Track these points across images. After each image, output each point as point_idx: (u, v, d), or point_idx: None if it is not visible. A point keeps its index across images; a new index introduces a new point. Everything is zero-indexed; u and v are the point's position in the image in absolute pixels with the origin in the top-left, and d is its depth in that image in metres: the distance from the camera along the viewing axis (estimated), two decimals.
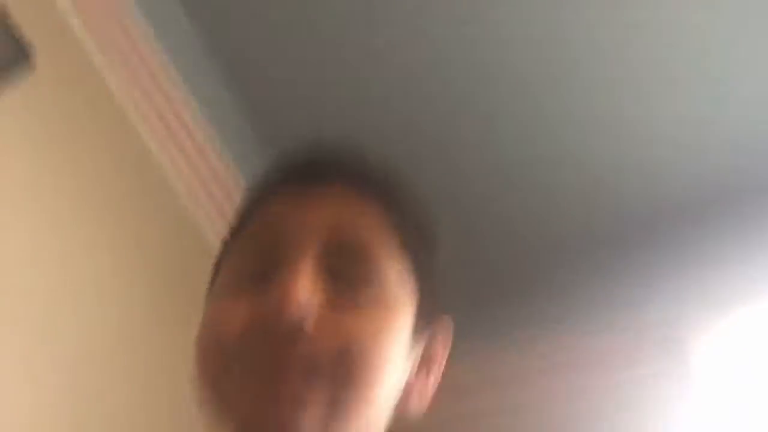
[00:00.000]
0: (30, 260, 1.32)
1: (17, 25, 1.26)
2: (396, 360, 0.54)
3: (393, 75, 1.79)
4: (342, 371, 0.49)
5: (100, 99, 1.53)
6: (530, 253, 2.09)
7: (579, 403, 2.00)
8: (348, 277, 0.53)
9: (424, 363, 0.60)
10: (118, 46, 1.54)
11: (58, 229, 1.40)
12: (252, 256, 0.55)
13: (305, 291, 0.49)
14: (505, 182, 1.96)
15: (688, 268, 1.98)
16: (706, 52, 1.73)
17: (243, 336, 0.50)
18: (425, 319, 0.58)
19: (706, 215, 2.00)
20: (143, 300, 1.57)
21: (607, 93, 1.80)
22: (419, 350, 0.59)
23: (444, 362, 0.62)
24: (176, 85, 1.66)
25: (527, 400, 2.06)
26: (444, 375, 0.61)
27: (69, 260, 1.41)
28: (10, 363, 1.24)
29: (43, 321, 1.32)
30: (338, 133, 0.74)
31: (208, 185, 1.76)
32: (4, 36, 1.23)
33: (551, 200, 2.01)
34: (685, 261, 2.00)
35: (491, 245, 2.06)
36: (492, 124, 1.86)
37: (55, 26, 1.44)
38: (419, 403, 0.59)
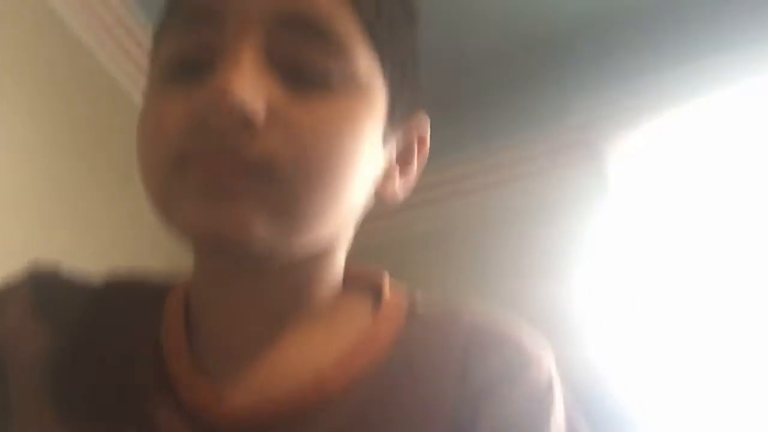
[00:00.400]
0: None
1: None
2: (363, 158, 0.49)
3: None
4: (296, 166, 0.45)
5: None
6: (458, 65, 2.05)
7: (505, 212, 2.10)
8: (304, 59, 0.46)
9: (400, 158, 0.56)
10: None
11: None
12: (184, 40, 0.47)
13: (250, 81, 0.44)
14: None
15: (606, 78, 2.02)
16: None
17: (182, 137, 0.45)
18: (400, 112, 0.53)
19: (623, 28, 2.01)
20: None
21: None
22: (393, 146, 0.54)
23: (422, 159, 0.57)
24: None
25: (462, 214, 2.15)
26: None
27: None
28: None
29: None
30: None
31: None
32: None
33: (478, 9, 1.97)
34: (603, 71, 2.03)
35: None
36: None
37: None
38: (395, 195, 0.56)
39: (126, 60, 1.75)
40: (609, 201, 1.96)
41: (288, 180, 0.45)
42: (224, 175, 0.44)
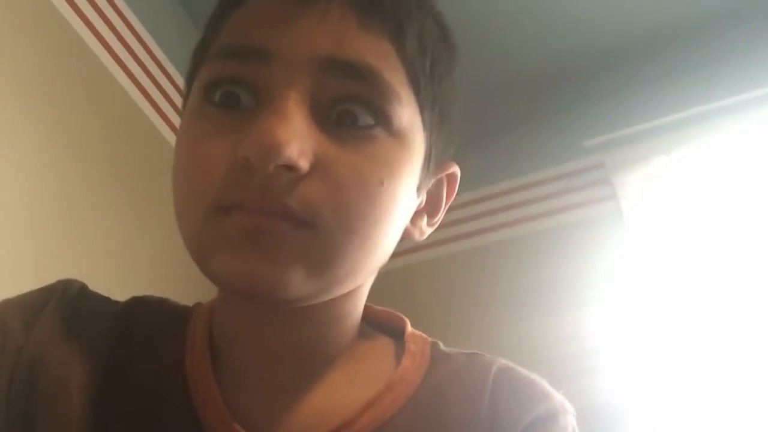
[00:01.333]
0: None
1: None
2: (401, 207, 0.48)
3: None
4: (335, 217, 0.44)
5: None
6: (474, 98, 2.09)
7: (515, 249, 2.11)
8: (350, 106, 0.45)
9: (430, 200, 0.55)
10: None
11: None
12: (228, 70, 0.46)
13: (299, 131, 0.43)
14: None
15: (623, 110, 2.06)
16: None
17: (224, 183, 0.44)
18: (435, 158, 0.52)
19: (639, 61, 2.07)
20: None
21: None
22: (424, 195, 0.54)
23: (450, 201, 0.57)
24: None
25: (477, 245, 2.16)
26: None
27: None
28: None
29: None
30: None
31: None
32: None
33: (495, 42, 2.02)
34: (620, 104, 2.08)
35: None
36: None
37: None
38: (422, 234, 0.56)
39: (146, 83, 1.77)
40: (623, 231, 1.97)
41: (328, 231, 0.44)
42: (265, 227, 0.43)
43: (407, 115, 0.47)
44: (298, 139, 0.43)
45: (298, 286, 0.44)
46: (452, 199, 0.57)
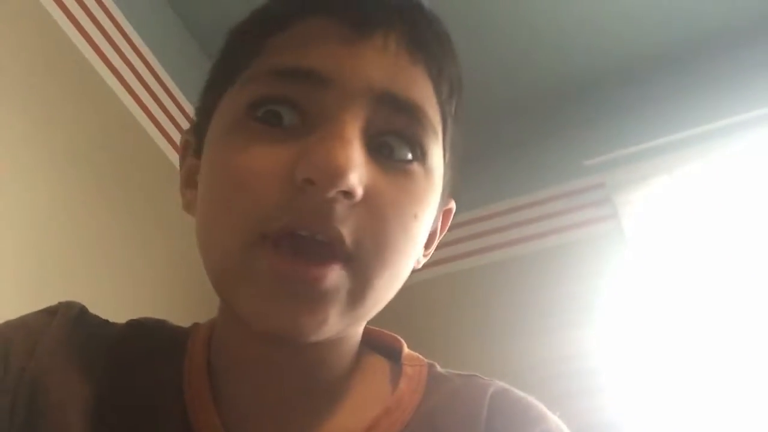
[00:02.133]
0: None
1: None
2: (422, 238, 0.50)
3: None
4: (375, 249, 0.45)
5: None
6: (476, 120, 2.10)
7: (517, 268, 2.10)
8: (395, 139, 0.47)
9: (429, 237, 0.56)
10: None
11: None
12: (278, 89, 0.46)
13: (359, 159, 0.43)
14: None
15: (624, 130, 2.07)
16: None
17: (277, 206, 0.43)
18: (445, 192, 0.54)
19: (639, 81, 2.08)
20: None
21: None
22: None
23: (445, 230, 0.59)
24: None
25: (478, 265, 2.15)
26: None
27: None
28: None
29: None
30: None
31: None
32: None
33: (497, 63, 2.03)
34: (621, 124, 2.10)
35: None
36: None
37: None
38: (419, 263, 0.56)
39: (149, 103, 1.78)
40: (625, 250, 1.97)
41: (366, 263, 0.44)
42: (315, 275, 0.43)
43: (438, 152, 0.49)
44: (359, 166, 0.43)
45: (331, 326, 0.45)
46: (447, 225, 0.59)
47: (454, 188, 0.56)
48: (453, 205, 0.58)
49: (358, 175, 0.43)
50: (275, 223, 0.43)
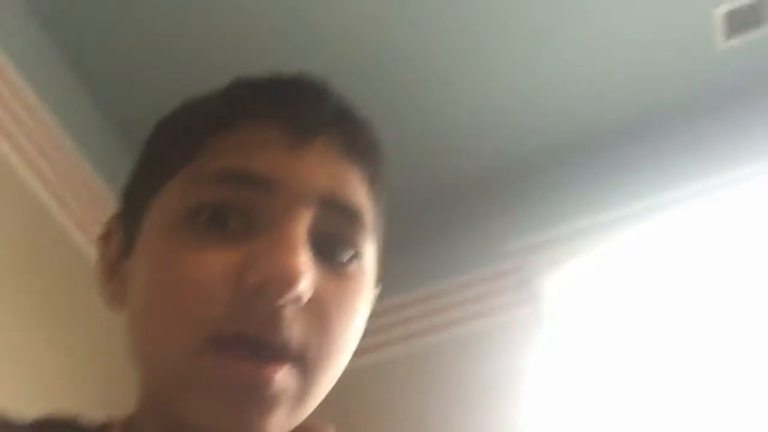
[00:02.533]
0: None
1: None
2: (360, 331, 0.51)
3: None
4: (320, 350, 0.45)
5: None
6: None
7: (439, 354, 2.11)
8: (338, 242, 0.48)
9: None
10: None
11: None
12: (225, 193, 0.46)
13: (308, 265, 0.44)
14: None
15: (541, 215, 2.15)
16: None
17: (227, 311, 0.43)
18: (374, 286, 0.55)
19: (556, 166, 2.18)
20: None
21: None
22: None
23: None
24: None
25: (399, 352, 2.16)
26: None
27: None
28: None
29: None
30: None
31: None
32: None
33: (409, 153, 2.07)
34: (537, 209, 2.17)
35: None
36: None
37: None
38: None
39: (64, 193, 1.74)
40: (544, 332, 2.00)
41: (313, 364, 0.45)
42: (262, 377, 0.42)
43: (372, 250, 0.51)
44: (309, 272, 0.44)
45: (278, 426, 0.44)
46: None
47: (379, 274, 0.57)
48: (377, 291, 0.59)
49: (308, 280, 0.43)
50: (225, 326, 0.43)
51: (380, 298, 0.60)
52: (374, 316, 0.59)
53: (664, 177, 2.04)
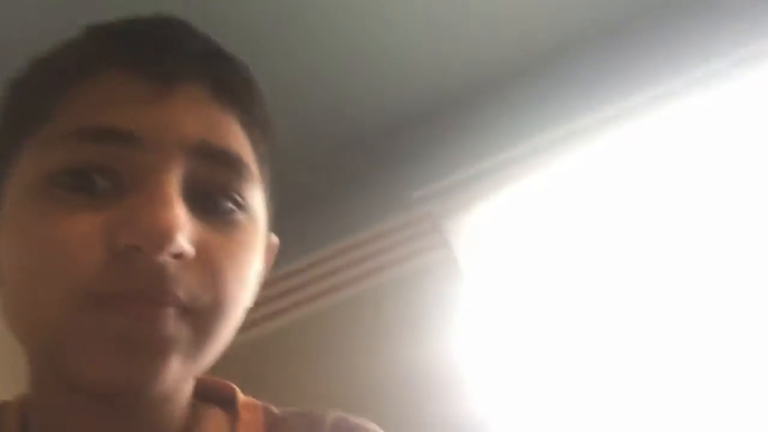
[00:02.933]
0: None
1: None
2: (254, 282, 0.50)
3: None
4: (213, 303, 0.44)
5: None
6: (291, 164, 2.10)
7: (359, 307, 2.12)
8: (218, 191, 0.46)
9: None
10: None
11: None
12: (87, 153, 0.43)
13: (183, 218, 0.42)
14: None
15: (447, 161, 2.15)
16: None
17: (99, 273, 0.41)
18: (266, 233, 0.54)
19: (456, 110, 2.18)
20: None
21: None
22: None
23: (269, 265, 0.58)
24: None
25: (308, 313, 2.15)
26: None
27: None
28: None
29: None
30: None
31: None
32: None
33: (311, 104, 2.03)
34: (442, 155, 2.18)
35: None
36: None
37: None
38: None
39: None
40: (459, 276, 2.03)
41: (205, 316, 0.44)
42: (149, 325, 0.41)
43: (259, 197, 0.49)
44: (186, 225, 0.42)
45: (174, 376, 0.43)
46: (271, 260, 0.58)
47: (271, 225, 0.55)
48: (275, 239, 0.58)
49: (186, 234, 0.41)
50: (102, 287, 0.41)
51: (295, 257, 0.60)
52: (292, 274, 0.58)
53: (565, 111, 2.07)
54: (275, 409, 0.58)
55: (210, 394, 0.57)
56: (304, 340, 2.12)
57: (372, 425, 0.58)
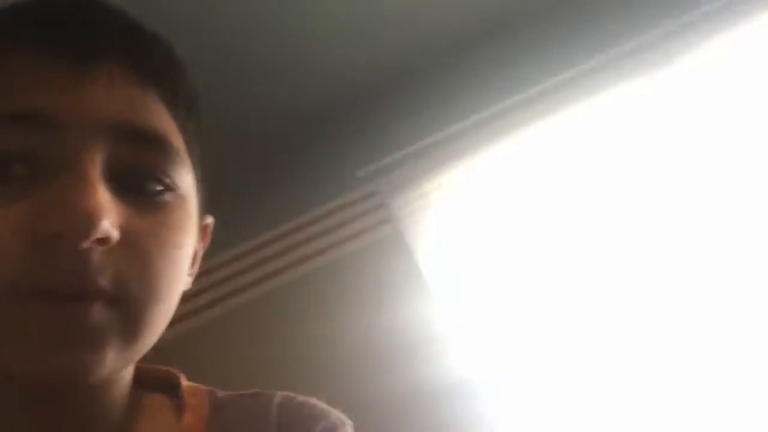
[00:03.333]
0: None
1: None
2: (188, 265, 0.49)
3: None
4: (143, 289, 0.43)
5: None
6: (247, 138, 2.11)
7: (310, 285, 2.16)
8: (144, 173, 0.44)
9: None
10: None
11: None
12: (4, 142, 0.41)
13: (106, 202, 0.40)
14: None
15: (390, 139, 2.18)
16: None
17: (21, 263, 0.39)
18: (200, 216, 0.52)
19: (398, 89, 2.21)
20: None
21: None
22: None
23: (205, 247, 0.57)
24: None
25: (258, 293, 2.16)
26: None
27: None
28: None
29: None
30: None
31: None
32: None
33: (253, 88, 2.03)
34: (386, 134, 2.20)
35: None
36: None
37: None
38: (187, 284, 0.54)
39: None
40: (406, 251, 2.07)
41: (137, 303, 0.42)
42: (76, 316, 0.40)
43: (188, 177, 0.48)
44: (110, 209, 0.40)
45: (110, 364, 0.42)
46: (207, 242, 0.58)
47: (204, 205, 0.54)
48: (210, 219, 0.57)
49: (110, 219, 0.40)
50: (26, 281, 0.39)
51: (244, 239, 0.60)
52: (240, 256, 0.60)
53: (508, 85, 2.11)
54: (221, 393, 0.58)
55: (154, 381, 0.57)
56: (255, 321, 2.12)
57: (317, 402, 0.59)
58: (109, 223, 0.40)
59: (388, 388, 1.87)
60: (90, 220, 0.38)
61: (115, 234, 0.40)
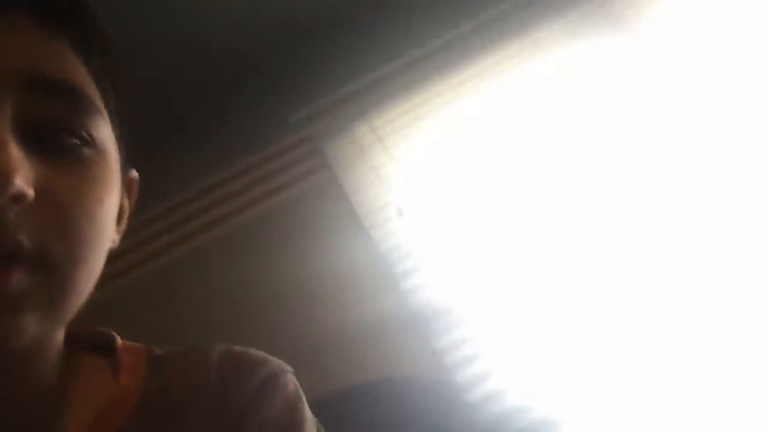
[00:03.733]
0: None
1: None
2: (112, 222, 0.47)
3: None
4: (65, 248, 0.41)
5: None
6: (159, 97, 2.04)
7: (247, 234, 2.13)
8: (57, 126, 0.42)
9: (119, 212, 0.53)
10: None
11: None
12: None
13: (20, 159, 0.39)
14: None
15: (321, 83, 2.16)
16: None
17: None
18: (123, 166, 0.51)
19: (325, 32, 2.17)
20: None
21: None
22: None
23: (133, 203, 0.56)
24: None
25: (196, 245, 2.13)
26: None
27: None
28: None
29: None
30: None
31: None
32: None
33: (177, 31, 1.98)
34: (316, 78, 2.18)
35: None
36: None
37: None
38: (115, 242, 0.53)
39: None
40: (342, 196, 2.07)
41: (60, 265, 0.41)
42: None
43: (106, 129, 0.46)
44: (22, 166, 0.38)
45: (32, 331, 0.40)
46: (134, 198, 0.57)
47: (127, 158, 0.53)
48: (135, 173, 0.56)
49: (23, 176, 0.38)
50: None
51: (179, 190, 0.59)
52: (176, 207, 0.58)
53: (441, 24, 2.10)
54: (159, 350, 0.58)
55: (88, 342, 0.57)
56: (195, 272, 2.09)
57: (256, 352, 0.60)
58: (23, 179, 0.38)
59: (333, 326, 1.89)
60: (1, 178, 0.37)
61: (30, 192, 0.39)
